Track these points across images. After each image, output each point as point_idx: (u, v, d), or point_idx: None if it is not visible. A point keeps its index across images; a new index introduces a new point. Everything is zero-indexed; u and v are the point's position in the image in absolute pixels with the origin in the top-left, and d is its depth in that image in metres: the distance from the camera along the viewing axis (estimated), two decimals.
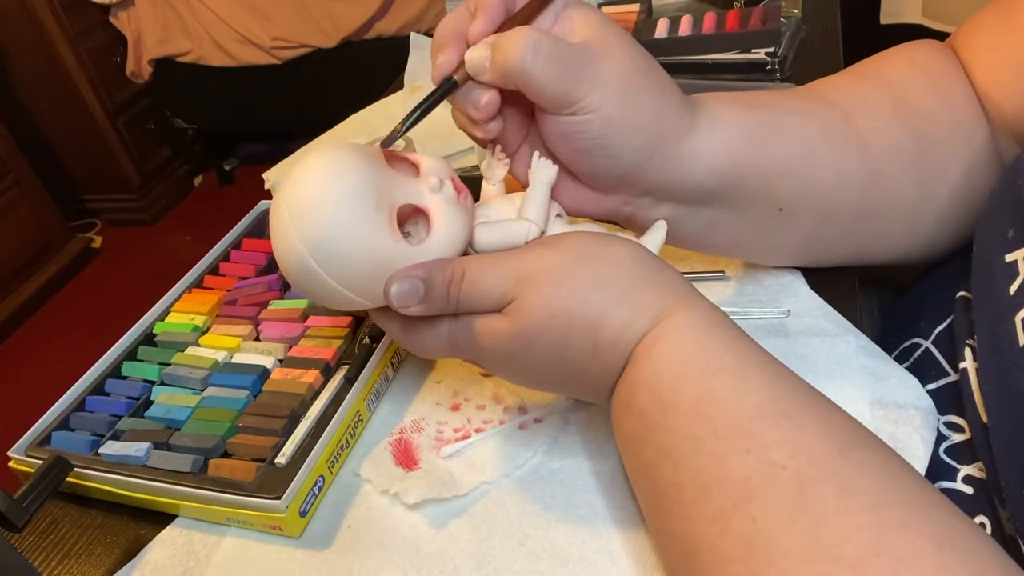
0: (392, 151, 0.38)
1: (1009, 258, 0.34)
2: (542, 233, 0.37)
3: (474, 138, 0.39)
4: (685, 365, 0.31)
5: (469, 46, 0.37)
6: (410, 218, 0.37)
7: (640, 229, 0.41)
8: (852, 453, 0.28)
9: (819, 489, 0.27)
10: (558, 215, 0.39)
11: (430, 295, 0.34)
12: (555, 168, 0.38)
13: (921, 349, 0.43)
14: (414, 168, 0.38)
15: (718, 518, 0.28)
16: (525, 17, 0.37)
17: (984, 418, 0.34)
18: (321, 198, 0.33)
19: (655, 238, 0.39)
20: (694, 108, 0.39)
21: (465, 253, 0.37)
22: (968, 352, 0.38)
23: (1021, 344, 0.32)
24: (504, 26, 0.37)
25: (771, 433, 0.29)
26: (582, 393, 0.37)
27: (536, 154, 0.39)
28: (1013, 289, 0.33)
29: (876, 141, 0.42)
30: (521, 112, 0.40)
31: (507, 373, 0.38)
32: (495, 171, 0.41)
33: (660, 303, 0.33)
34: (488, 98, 0.37)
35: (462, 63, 0.36)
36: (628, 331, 0.33)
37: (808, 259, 0.48)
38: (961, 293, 0.40)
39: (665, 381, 0.32)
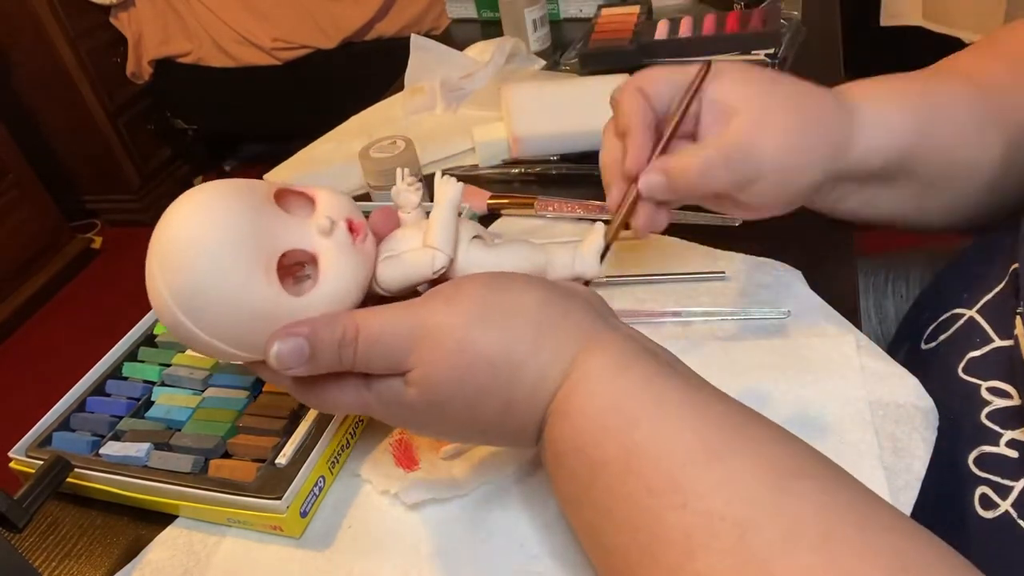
0: (287, 186, 0.35)
1: None
2: (451, 261, 0.35)
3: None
4: (604, 416, 0.30)
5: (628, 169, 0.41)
6: (309, 263, 0.34)
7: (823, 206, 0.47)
8: (791, 485, 0.27)
9: (762, 534, 0.25)
10: (476, 236, 0.36)
11: (316, 355, 0.32)
12: (460, 186, 0.36)
13: (964, 319, 0.43)
14: (311, 204, 0.35)
15: None
16: (682, 115, 0.41)
17: None
18: (189, 246, 0.30)
19: (592, 245, 0.38)
20: (849, 105, 0.43)
21: (371, 290, 0.35)
22: (1018, 320, 0.38)
23: None
24: (668, 128, 0.41)
25: (703, 480, 0.27)
26: (505, 444, 0.37)
27: (438, 173, 0.36)
28: None
29: (1012, 117, 0.44)
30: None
31: (427, 435, 0.37)
32: (407, 198, 0.37)
33: (570, 350, 0.32)
34: (664, 219, 0.43)
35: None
36: (540, 385, 0.32)
37: (945, 223, 0.50)
38: (1015, 267, 0.40)
39: (589, 438, 0.30)
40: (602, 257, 0.39)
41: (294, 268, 0.33)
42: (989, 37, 0.49)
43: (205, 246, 0.30)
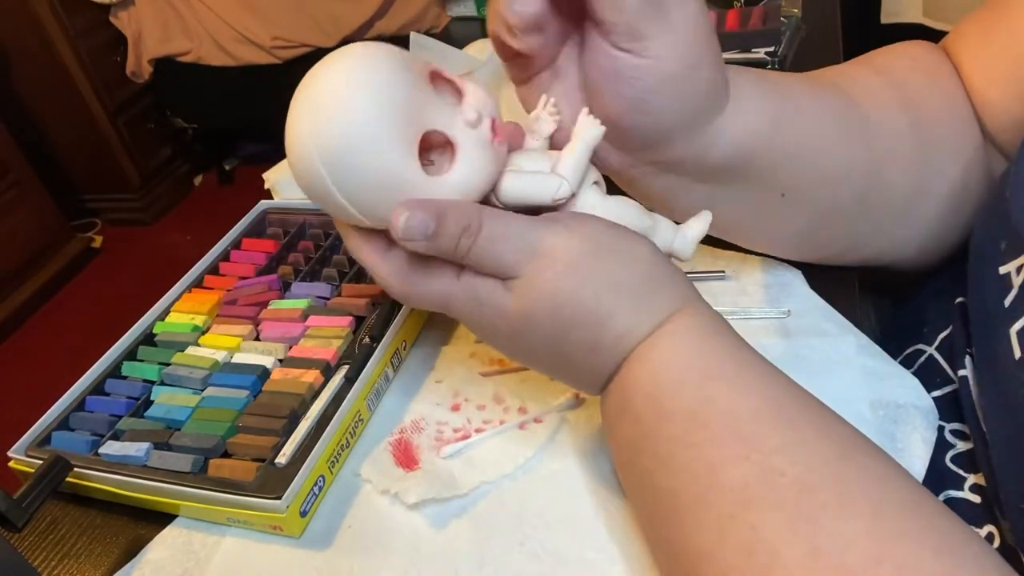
0: (439, 70, 0.34)
1: (1002, 270, 0.34)
2: (573, 196, 0.35)
3: (502, 49, 0.36)
4: (683, 371, 0.31)
5: None
6: (437, 148, 0.34)
7: (638, 195, 0.40)
8: (852, 458, 0.28)
9: (819, 495, 0.26)
10: (595, 183, 0.37)
11: (439, 235, 0.32)
12: (602, 129, 0.35)
13: (925, 356, 0.43)
14: (457, 94, 0.35)
15: (716, 526, 0.27)
16: None
17: (984, 428, 0.34)
18: (347, 99, 0.30)
19: (697, 228, 0.37)
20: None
21: (486, 200, 0.35)
22: (968, 360, 0.37)
23: (1017, 356, 0.31)
24: None
25: (770, 439, 0.28)
26: (569, 381, 0.37)
27: (585, 110, 0.36)
28: (1008, 301, 0.33)
29: (882, 132, 0.41)
30: (561, 33, 0.36)
31: (497, 345, 0.36)
32: (542, 125, 0.37)
33: (666, 309, 0.32)
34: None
35: None
36: (630, 334, 0.32)
37: (799, 250, 0.47)
38: (959, 299, 0.40)
39: (663, 387, 0.31)
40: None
41: (425, 150, 0.33)
42: (864, 56, 0.46)
43: (366, 107, 0.30)
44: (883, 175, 0.42)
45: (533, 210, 0.35)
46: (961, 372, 0.37)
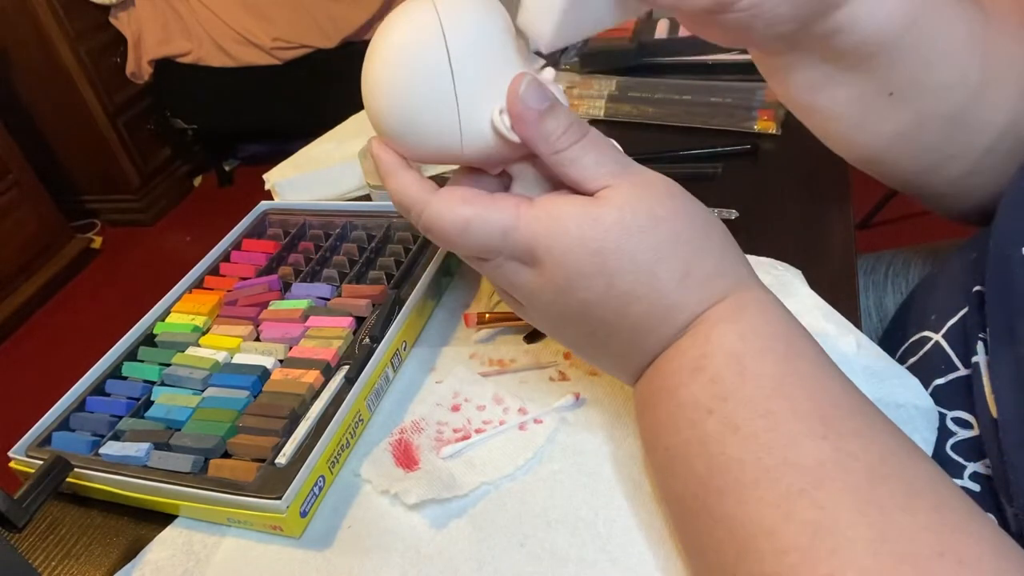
0: None
1: None
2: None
3: None
4: (772, 339, 0.31)
5: None
6: None
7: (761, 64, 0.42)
8: (916, 455, 0.28)
9: (889, 485, 0.27)
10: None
11: (551, 114, 0.32)
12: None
13: (931, 343, 0.42)
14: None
15: (782, 502, 0.27)
16: None
17: (994, 412, 0.34)
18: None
19: None
20: None
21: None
22: (980, 346, 0.37)
23: None
24: None
25: (848, 423, 0.29)
26: (637, 332, 0.33)
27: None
28: None
29: (999, 50, 0.40)
30: None
31: (556, 291, 0.33)
32: None
33: (741, 272, 0.33)
34: None
35: None
36: (721, 279, 0.32)
37: (882, 159, 0.45)
38: (977, 288, 0.40)
39: (750, 350, 0.31)
40: None
41: None
42: None
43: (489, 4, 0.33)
44: (985, 98, 0.41)
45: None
46: (974, 358, 0.37)
